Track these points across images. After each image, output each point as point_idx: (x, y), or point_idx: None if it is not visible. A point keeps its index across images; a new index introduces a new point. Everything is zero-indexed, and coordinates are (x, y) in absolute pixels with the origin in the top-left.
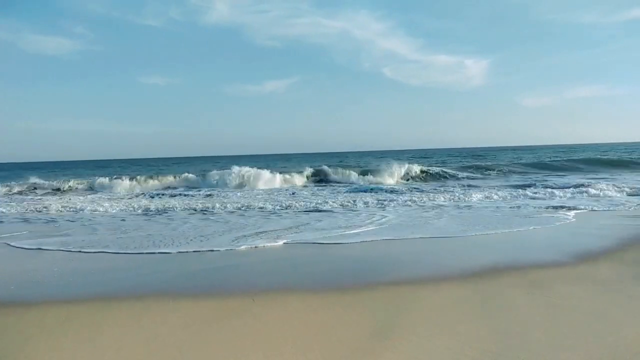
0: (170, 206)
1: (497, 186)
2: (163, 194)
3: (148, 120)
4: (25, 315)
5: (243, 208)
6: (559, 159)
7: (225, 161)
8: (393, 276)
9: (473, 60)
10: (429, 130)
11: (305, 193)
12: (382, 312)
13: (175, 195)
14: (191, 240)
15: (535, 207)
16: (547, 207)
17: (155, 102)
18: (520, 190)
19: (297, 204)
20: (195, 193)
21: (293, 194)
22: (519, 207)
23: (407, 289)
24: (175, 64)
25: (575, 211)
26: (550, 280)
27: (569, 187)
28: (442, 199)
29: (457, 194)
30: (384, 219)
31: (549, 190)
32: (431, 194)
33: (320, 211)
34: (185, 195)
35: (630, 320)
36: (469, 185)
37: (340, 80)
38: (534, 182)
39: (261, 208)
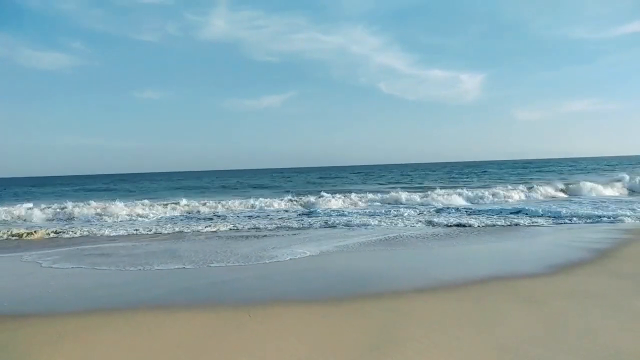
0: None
1: None
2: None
3: (144, 135)
4: (22, 330)
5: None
6: None
7: (221, 176)
8: (389, 288)
9: (468, 75)
10: (425, 144)
11: None
12: (378, 325)
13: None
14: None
15: None
16: None
17: (151, 117)
18: None
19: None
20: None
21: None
22: None
23: (403, 302)
24: (172, 79)
25: None
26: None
27: None
28: None
29: None
30: None
31: None
32: None
33: None
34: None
35: (620, 333)
36: None
37: (336, 95)
38: None
39: None
